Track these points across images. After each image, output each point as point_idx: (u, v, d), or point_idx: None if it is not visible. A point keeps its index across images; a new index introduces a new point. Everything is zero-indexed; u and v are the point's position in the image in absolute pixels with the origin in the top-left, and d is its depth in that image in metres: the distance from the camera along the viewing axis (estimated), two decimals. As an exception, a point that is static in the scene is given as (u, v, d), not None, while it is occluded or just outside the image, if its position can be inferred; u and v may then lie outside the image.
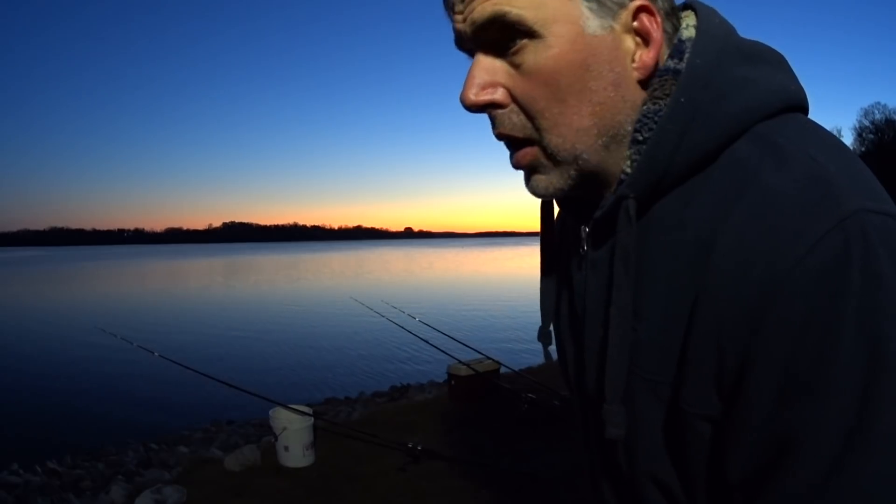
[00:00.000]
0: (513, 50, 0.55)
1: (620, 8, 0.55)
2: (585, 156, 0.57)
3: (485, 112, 0.58)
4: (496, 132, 0.59)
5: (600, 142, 0.57)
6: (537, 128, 0.57)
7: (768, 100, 0.55)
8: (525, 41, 0.55)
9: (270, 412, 4.48)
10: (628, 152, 0.58)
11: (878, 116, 55.86)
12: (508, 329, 14.31)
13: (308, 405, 5.00)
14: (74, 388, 9.52)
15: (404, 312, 6.43)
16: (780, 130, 0.54)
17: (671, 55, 0.57)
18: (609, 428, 0.59)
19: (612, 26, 0.55)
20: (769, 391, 0.48)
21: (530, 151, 0.59)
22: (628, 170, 0.58)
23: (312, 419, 4.44)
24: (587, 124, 0.56)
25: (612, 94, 0.56)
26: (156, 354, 4.51)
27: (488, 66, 0.57)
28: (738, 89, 0.54)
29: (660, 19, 0.56)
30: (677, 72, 0.56)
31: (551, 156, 0.58)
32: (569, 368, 0.75)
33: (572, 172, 0.58)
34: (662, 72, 0.57)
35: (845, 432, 0.45)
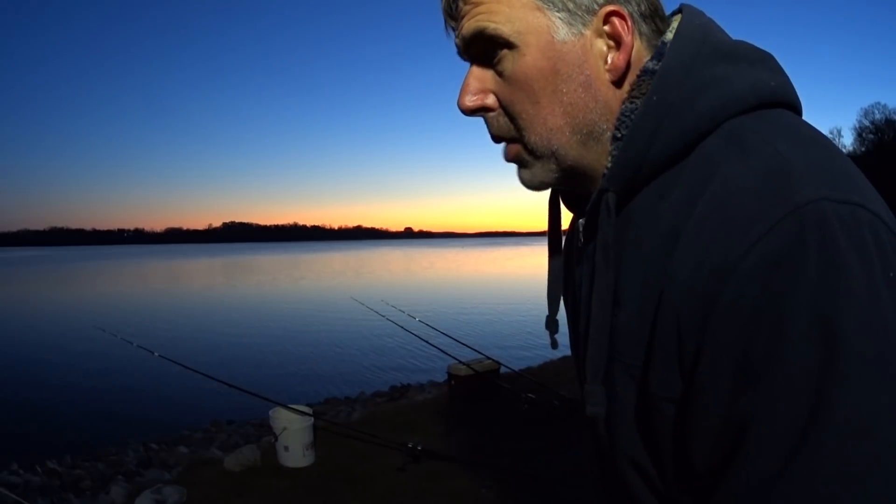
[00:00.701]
0: (496, 60, 0.62)
1: (590, 14, 0.59)
2: (562, 151, 0.63)
3: (478, 115, 0.65)
4: (490, 134, 0.66)
5: (575, 138, 0.62)
6: (517, 127, 0.63)
7: (741, 96, 0.56)
8: (504, 51, 0.61)
9: (270, 412, 4.48)
10: (609, 148, 0.62)
11: (878, 116, 55.93)
12: (508, 329, 14.31)
13: (308, 405, 5.01)
14: (74, 388, 9.52)
15: (404, 312, 6.43)
16: (750, 125, 0.55)
17: (652, 57, 0.61)
18: (588, 407, 0.62)
19: (583, 32, 0.59)
20: (723, 378, 0.49)
21: (514, 148, 0.65)
22: (609, 165, 0.61)
23: (312, 419, 4.44)
24: (560, 123, 0.61)
25: (583, 95, 0.60)
26: (156, 354, 4.51)
27: (479, 75, 0.64)
28: (710, 87, 0.56)
29: (631, 23, 0.59)
30: (654, 72, 0.59)
31: (531, 151, 0.64)
32: (574, 359, 0.78)
33: (552, 166, 0.64)
34: (642, 73, 0.60)
35: (798, 422, 0.45)
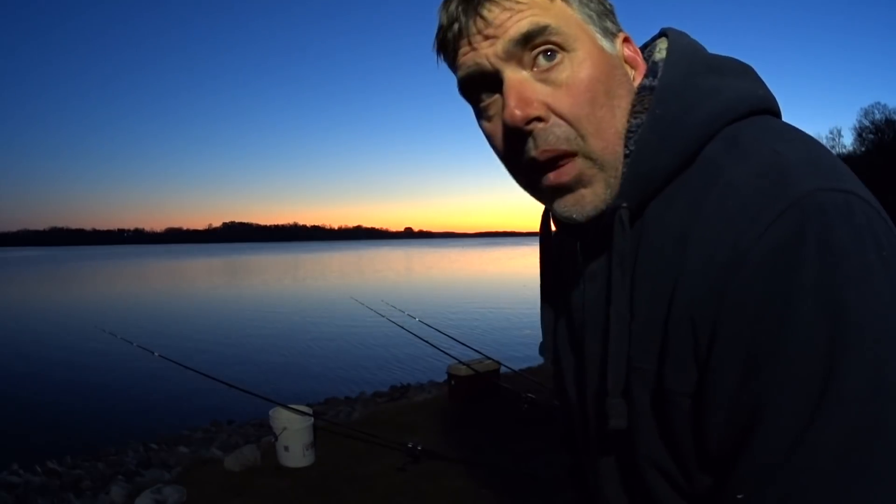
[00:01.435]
0: (549, 66, 0.58)
1: (615, 37, 0.63)
2: (621, 158, 0.61)
3: (528, 128, 0.59)
4: (539, 151, 0.59)
5: (624, 150, 0.61)
6: (581, 135, 0.59)
7: (735, 105, 0.60)
8: (561, 55, 0.59)
9: (270, 412, 4.48)
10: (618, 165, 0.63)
11: (878, 116, 55.88)
12: (508, 329, 14.31)
13: (308, 405, 5.00)
14: (74, 388, 9.51)
15: (404, 312, 6.43)
16: (746, 130, 0.58)
17: (646, 75, 0.64)
18: (612, 420, 0.62)
19: (616, 49, 0.63)
20: (734, 365, 0.51)
21: (575, 164, 0.60)
22: (620, 181, 0.62)
23: (312, 419, 4.44)
24: (619, 127, 0.61)
25: (628, 104, 0.62)
26: (156, 354, 4.51)
27: (526, 84, 0.59)
28: (706, 97, 0.60)
29: (637, 52, 0.65)
30: (653, 88, 0.62)
31: (597, 160, 0.60)
32: (566, 381, 0.78)
33: (612, 181, 0.61)
34: (641, 90, 0.63)
35: (811, 396, 0.47)
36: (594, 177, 0.60)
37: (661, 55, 0.65)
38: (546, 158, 0.59)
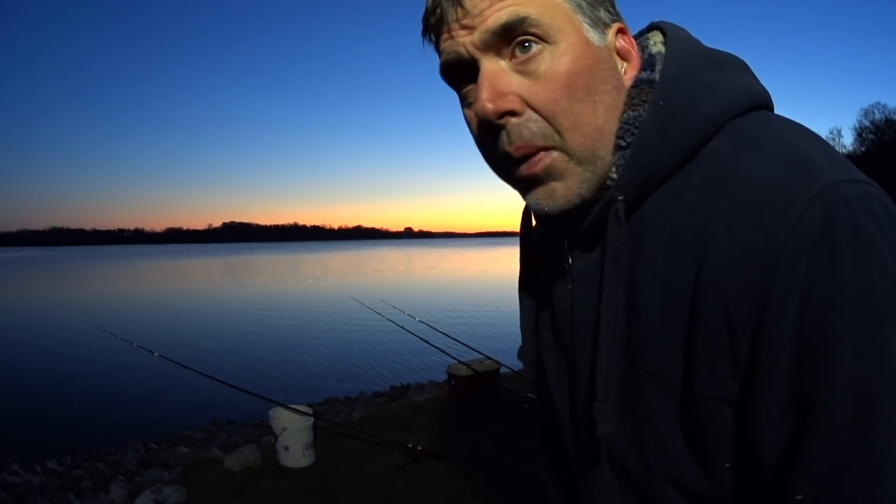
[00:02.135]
0: (525, 57, 0.56)
1: (607, 28, 0.60)
2: (602, 154, 0.59)
3: (500, 122, 0.57)
4: (513, 147, 0.58)
5: (611, 144, 0.59)
6: (558, 130, 0.57)
7: (738, 99, 0.59)
8: (541, 46, 0.56)
9: (270, 412, 4.48)
10: (613, 158, 0.60)
11: (878, 116, 55.85)
12: (508, 329, 14.30)
13: (308, 405, 5.01)
14: (74, 388, 9.51)
15: (404, 312, 6.43)
16: (752, 123, 0.58)
17: (643, 68, 0.62)
18: (599, 426, 0.60)
19: (606, 41, 0.60)
20: (785, 359, 0.50)
21: (548, 156, 0.58)
22: (615, 175, 0.60)
23: (312, 419, 4.44)
24: (601, 123, 0.58)
25: (616, 97, 0.60)
26: (156, 354, 4.50)
27: (501, 75, 0.57)
28: (710, 91, 0.58)
29: (632, 42, 0.63)
30: (651, 81, 0.60)
31: (573, 156, 0.58)
32: (550, 386, 0.75)
33: (588, 175, 0.59)
34: (638, 82, 0.61)
35: (866, 383, 0.47)
36: (568, 171, 0.58)
37: (658, 48, 0.63)
38: (520, 155, 0.58)
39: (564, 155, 0.58)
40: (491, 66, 0.57)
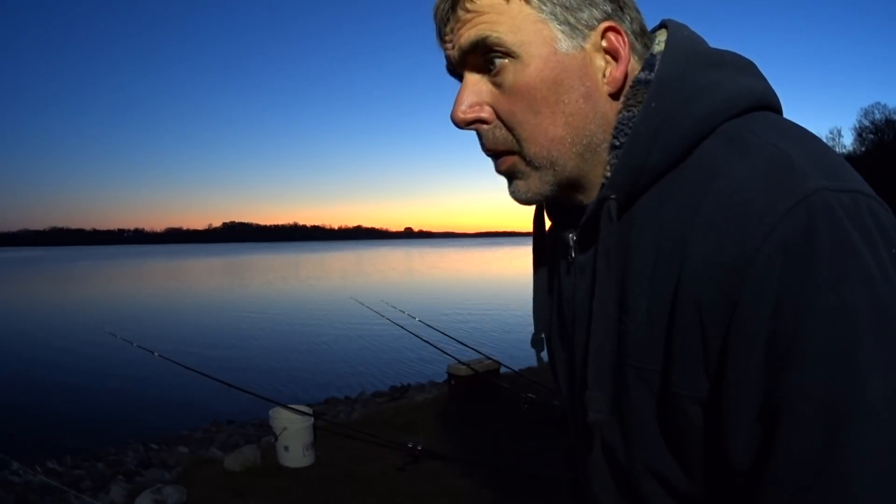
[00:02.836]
0: (495, 70, 0.61)
1: (589, 30, 0.60)
2: (561, 161, 0.62)
3: (472, 128, 0.64)
4: (484, 149, 0.65)
5: (574, 149, 0.62)
6: (517, 139, 0.62)
7: (734, 100, 0.59)
8: (505, 61, 0.60)
9: (270, 412, 4.48)
10: (608, 157, 0.63)
11: (878, 116, 55.84)
12: (508, 329, 14.30)
13: (308, 405, 5.00)
14: (74, 388, 9.51)
15: (404, 312, 6.43)
16: (746, 126, 0.57)
17: (643, 68, 0.63)
18: (590, 413, 0.62)
19: (583, 46, 0.60)
20: (753, 368, 0.50)
21: (509, 160, 0.64)
22: (609, 174, 0.62)
23: (312, 419, 4.44)
24: (561, 133, 0.61)
25: (583, 106, 0.61)
26: (156, 354, 4.51)
27: (475, 87, 0.63)
28: (704, 92, 0.58)
29: (626, 38, 0.61)
30: (648, 82, 0.61)
31: (529, 162, 0.63)
32: (559, 374, 0.78)
33: (549, 178, 0.63)
34: (635, 83, 0.62)
35: (835, 399, 0.46)
36: (526, 173, 0.64)
37: (660, 48, 0.63)
38: (489, 156, 0.66)
39: (522, 160, 0.63)
40: (468, 79, 0.63)
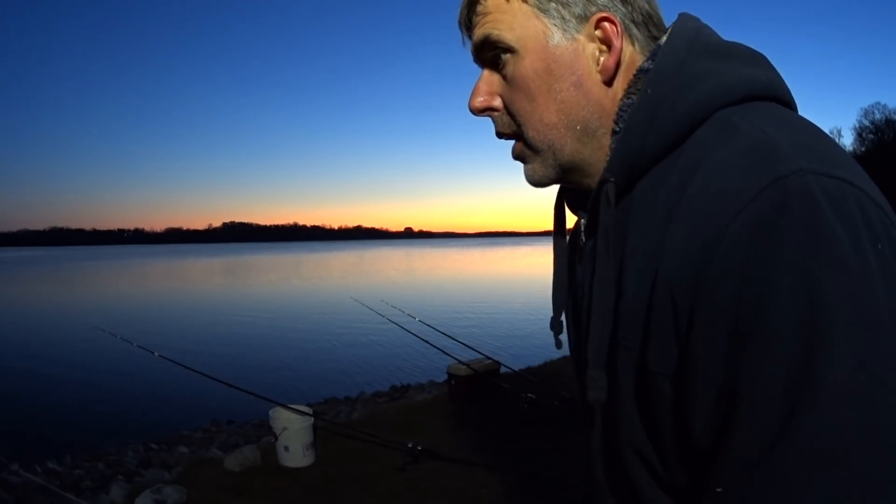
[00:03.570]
0: (501, 64, 0.68)
1: (582, 21, 0.64)
2: (557, 145, 0.67)
3: (486, 115, 0.71)
4: (496, 132, 0.72)
5: (569, 134, 0.67)
6: (518, 124, 0.68)
7: (731, 88, 0.59)
8: (507, 56, 0.66)
9: (270, 412, 4.48)
10: (608, 143, 0.66)
11: (878, 116, 55.81)
12: (508, 329, 14.30)
13: (308, 405, 5.00)
14: (74, 388, 9.52)
15: (404, 312, 6.43)
16: (740, 113, 0.58)
17: (648, 58, 0.65)
18: (590, 392, 0.63)
19: (575, 37, 0.64)
20: (714, 344, 0.50)
21: (517, 145, 0.70)
22: (609, 157, 0.65)
23: (312, 419, 4.44)
24: (554, 119, 0.66)
25: (574, 94, 0.65)
26: (156, 354, 4.51)
27: (488, 79, 0.70)
28: (700, 80, 0.60)
29: (621, 28, 0.64)
30: (648, 71, 0.63)
31: (531, 147, 0.69)
32: (573, 357, 0.80)
33: (550, 161, 0.69)
34: (638, 72, 0.65)
35: (792, 386, 0.46)
36: (530, 157, 0.70)
37: (665, 38, 0.65)
38: (501, 139, 0.72)
39: (524, 145, 0.69)
40: (483, 73, 0.70)
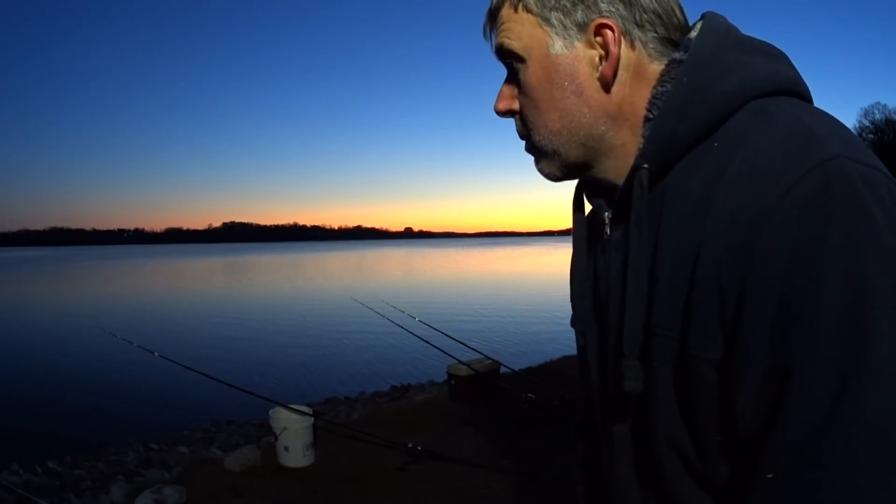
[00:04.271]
0: (515, 71, 0.70)
1: (582, 29, 0.65)
2: (562, 151, 0.70)
3: (508, 117, 0.74)
4: (518, 132, 0.75)
5: (573, 141, 0.68)
6: (527, 128, 0.72)
7: (762, 80, 0.61)
8: (519, 65, 0.69)
9: (270, 412, 4.48)
10: (642, 130, 0.66)
11: (878, 116, 55.79)
12: (508, 329, 14.31)
13: (308, 405, 5.00)
14: (74, 389, 9.51)
15: (404, 312, 6.43)
16: (773, 103, 0.60)
17: (678, 50, 0.66)
18: (626, 382, 0.63)
19: (575, 45, 0.66)
20: (765, 322, 0.51)
21: (529, 144, 0.73)
22: (642, 144, 0.65)
23: (312, 419, 4.44)
24: (557, 127, 0.68)
25: (575, 102, 0.67)
26: (156, 354, 4.51)
27: (509, 85, 0.72)
28: (734, 71, 0.61)
29: (618, 34, 0.64)
30: (680, 61, 0.64)
31: (539, 149, 0.72)
32: (588, 352, 0.78)
33: (556, 163, 0.71)
34: (671, 62, 0.65)
35: (843, 364, 0.47)
36: (539, 157, 0.73)
37: (694, 33, 0.66)
38: (522, 139, 0.75)
39: (534, 146, 0.72)
40: (506, 79, 0.72)
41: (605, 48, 0.64)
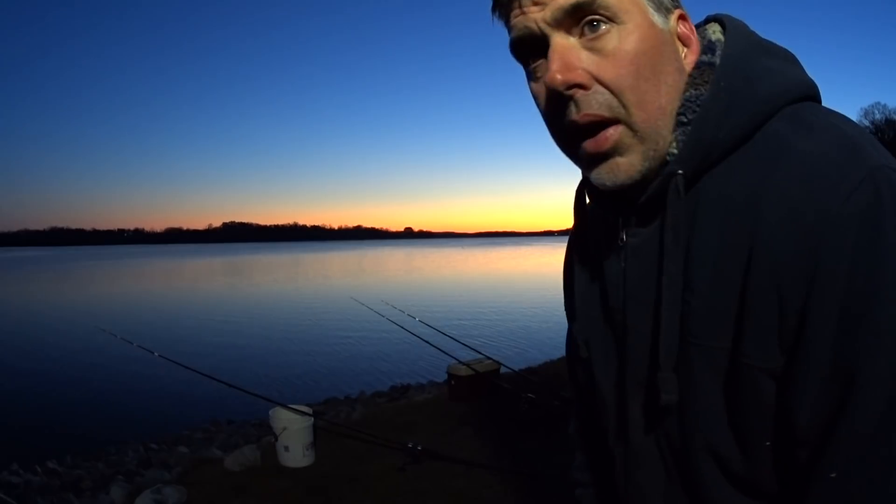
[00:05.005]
0: (596, 35, 0.59)
1: (669, 13, 0.63)
2: (664, 133, 0.61)
3: (570, 93, 0.59)
4: (580, 115, 0.60)
5: (671, 123, 0.62)
6: (624, 104, 0.59)
7: (792, 87, 0.62)
8: (609, 26, 0.58)
9: (270, 412, 4.48)
10: (674, 134, 0.62)
11: (878, 116, 55.63)
12: (508, 329, 14.30)
13: (308, 405, 5.00)
14: (74, 388, 9.51)
15: (404, 312, 6.43)
16: (806, 110, 0.60)
17: (703, 52, 0.65)
18: (663, 395, 0.62)
19: (669, 24, 0.63)
20: (830, 328, 0.51)
21: (616, 130, 0.60)
22: (675, 150, 0.62)
23: (312, 419, 4.44)
24: (663, 103, 0.61)
25: (677, 79, 0.62)
26: (156, 354, 4.51)
27: (571, 51, 0.59)
28: (766, 77, 0.61)
29: (692, 27, 0.65)
30: (711, 64, 0.63)
31: (637, 132, 0.60)
32: (595, 365, 0.76)
33: (650, 153, 0.61)
34: (700, 64, 0.64)
35: None
36: (632, 147, 0.61)
37: (717, 36, 0.66)
38: (586, 122, 0.60)
39: (629, 130, 0.60)
40: (561, 42, 0.59)
41: (684, 39, 0.64)
